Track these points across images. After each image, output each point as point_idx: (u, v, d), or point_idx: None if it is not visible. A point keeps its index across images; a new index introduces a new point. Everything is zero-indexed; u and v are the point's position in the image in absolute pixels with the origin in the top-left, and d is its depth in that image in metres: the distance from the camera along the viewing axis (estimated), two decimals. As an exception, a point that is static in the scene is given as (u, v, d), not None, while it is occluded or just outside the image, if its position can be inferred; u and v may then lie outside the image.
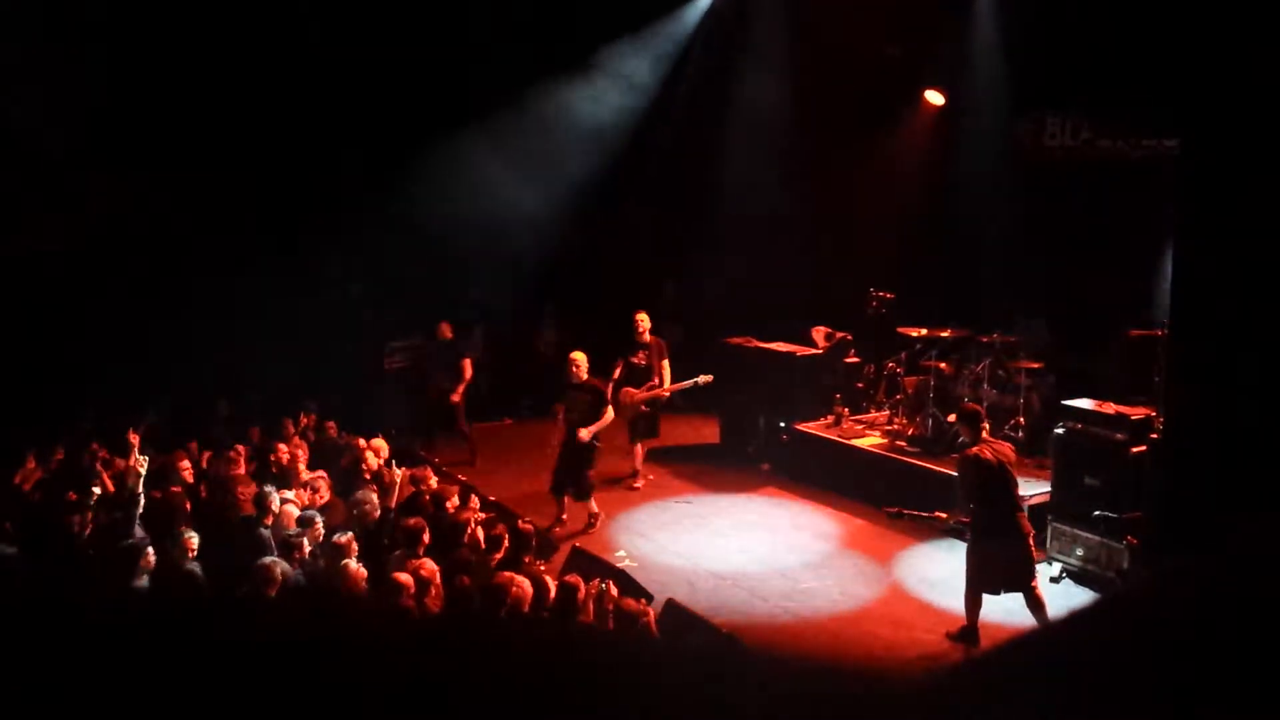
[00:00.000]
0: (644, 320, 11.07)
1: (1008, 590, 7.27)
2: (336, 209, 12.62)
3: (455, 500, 8.16)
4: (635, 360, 10.95)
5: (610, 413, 9.95)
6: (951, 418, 9.35)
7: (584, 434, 9.71)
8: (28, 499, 8.36)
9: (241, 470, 9.09)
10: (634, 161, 13.83)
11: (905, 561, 9.06)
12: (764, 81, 13.37)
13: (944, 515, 7.64)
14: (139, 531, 7.15)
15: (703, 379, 11.07)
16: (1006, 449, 7.54)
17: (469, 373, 12.00)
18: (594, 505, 9.86)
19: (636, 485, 10.98)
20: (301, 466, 8.82)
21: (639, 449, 11.08)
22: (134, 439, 7.97)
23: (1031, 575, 7.24)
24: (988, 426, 7.91)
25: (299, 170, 12.30)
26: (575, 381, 9.94)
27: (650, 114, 13.79)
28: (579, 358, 10.03)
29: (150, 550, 6.68)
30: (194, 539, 6.94)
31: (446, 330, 12.23)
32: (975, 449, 7.32)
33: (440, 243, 12.67)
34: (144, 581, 6.43)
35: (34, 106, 10.67)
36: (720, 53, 13.82)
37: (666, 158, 13.93)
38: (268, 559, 6.41)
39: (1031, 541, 7.32)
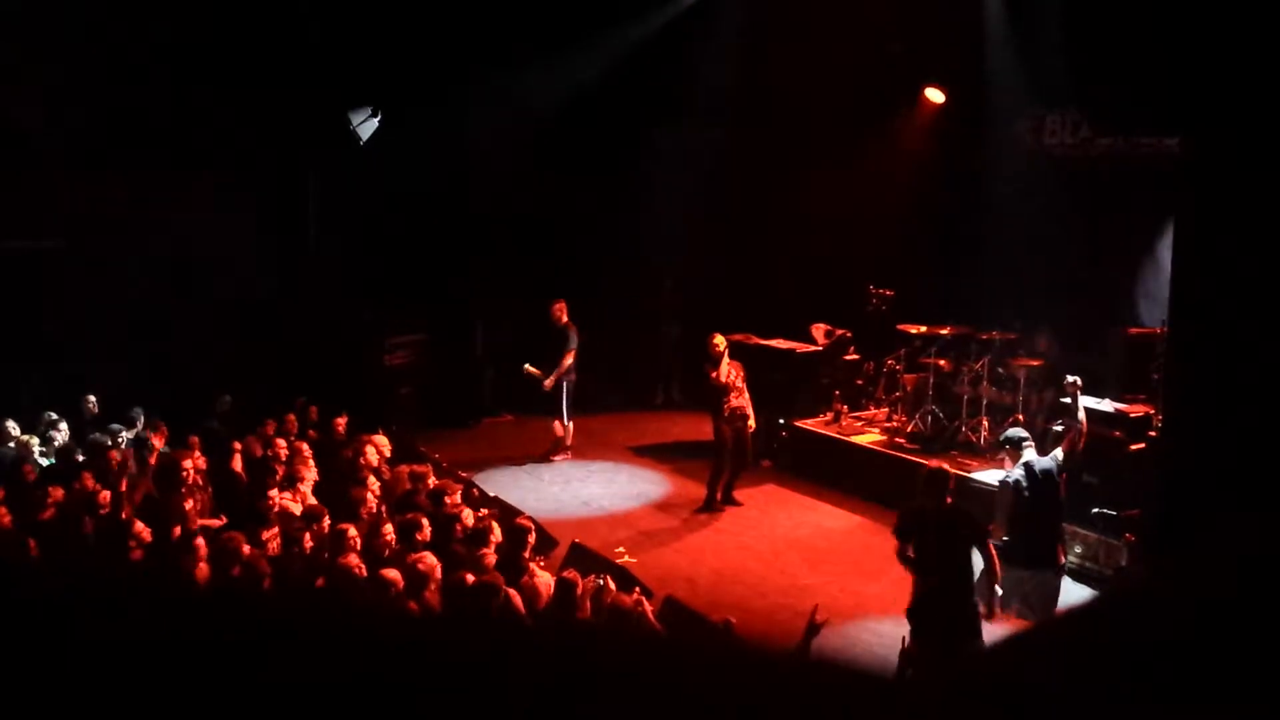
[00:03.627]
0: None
1: (1020, 617, 6.89)
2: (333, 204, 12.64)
3: (455, 497, 8.14)
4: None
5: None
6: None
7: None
8: None
9: (239, 466, 9.07)
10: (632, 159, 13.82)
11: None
12: (764, 79, 13.35)
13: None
14: None
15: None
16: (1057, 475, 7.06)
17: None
18: None
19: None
20: (306, 457, 8.71)
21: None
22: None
23: (1052, 611, 6.82)
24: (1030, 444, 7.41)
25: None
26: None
27: (647, 108, 13.75)
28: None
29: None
30: None
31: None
32: (1016, 474, 6.97)
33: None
34: None
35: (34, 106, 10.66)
36: (717, 47, 13.77)
37: (665, 155, 13.91)
38: None
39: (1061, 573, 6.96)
